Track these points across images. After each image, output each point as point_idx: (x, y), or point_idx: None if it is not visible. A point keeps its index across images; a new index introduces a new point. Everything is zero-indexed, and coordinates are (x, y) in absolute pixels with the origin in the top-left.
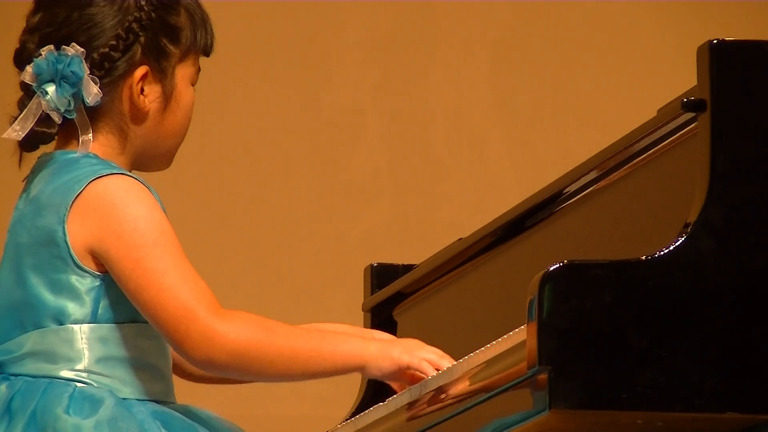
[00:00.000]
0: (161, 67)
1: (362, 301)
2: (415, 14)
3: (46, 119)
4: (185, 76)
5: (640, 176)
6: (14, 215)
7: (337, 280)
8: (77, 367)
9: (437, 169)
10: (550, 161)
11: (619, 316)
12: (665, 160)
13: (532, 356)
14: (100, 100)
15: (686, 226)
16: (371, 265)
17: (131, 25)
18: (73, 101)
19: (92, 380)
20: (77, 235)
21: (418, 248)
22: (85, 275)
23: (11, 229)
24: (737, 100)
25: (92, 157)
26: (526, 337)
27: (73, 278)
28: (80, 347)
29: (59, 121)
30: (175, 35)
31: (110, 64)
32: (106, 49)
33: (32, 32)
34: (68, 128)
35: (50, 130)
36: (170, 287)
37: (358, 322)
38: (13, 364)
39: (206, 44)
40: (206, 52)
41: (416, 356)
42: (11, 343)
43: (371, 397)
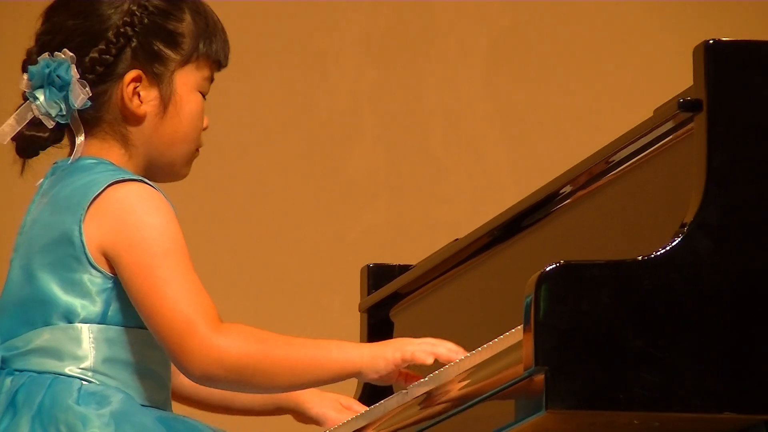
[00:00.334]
0: (155, 71)
1: (359, 301)
2: (411, 14)
3: (38, 124)
4: (187, 82)
5: (636, 176)
6: (27, 218)
7: (333, 280)
8: (83, 365)
9: (434, 169)
10: (546, 161)
11: (615, 316)
12: (662, 160)
13: (528, 357)
14: (89, 103)
15: (683, 226)
16: (368, 265)
17: (120, 29)
18: (63, 106)
19: (97, 379)
20: (93, 236)
21: (414, 249)
22: (98, 275)
23: (24, 229)
24: (733, 100)
25: (108, 164)
26: (522, 337)
27: (85, 278)
28: (87, 346)
29: (51, 125)
30: (173, 41)
31: (101, 67)
32: (96, 53)
33: (35, 42)
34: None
35: (42, 134)
36: (173, 298)
37: (354, 322)
38: (17, 359)
39: (212, 52)
40: (216, 60)
41: (408, 350)
42: (17, 339)
43: (368, 398)
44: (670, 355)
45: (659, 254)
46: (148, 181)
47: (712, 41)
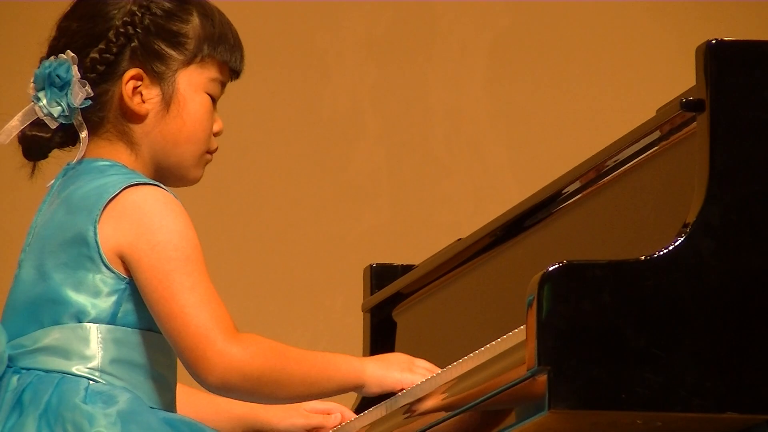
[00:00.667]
0: (156, 69)
1: (362, 301)
2: (413, 15)
3: (40, 124)
4: (191, 82)
5: (638, 176)
6: (37, 219)
7: (336, 280)
8: (90, 365)
9: (436, 169)
10: (548, 161)
11: (618, 316)
12: (664, 160)
13: (531, 357)
14: (89, 101)
15: (685, 226)
16: (370, 265)
17: (121, 29)
18: (65, 106)
19: (104, 380)
20: (109, 237)
21: (417, 249)
22: (110, 276)
23: (36, 230)
24: (736, 100)
25: (121, 166)
26: (525, 337)
27: (98, 278)
28: (95, 346)
29: (53, 126)
30: (175, 41)
31: (102, 66)
32: (96, 53)
33: (47, 48)
34: (96, 138)
35: (44, 134)
36: (193, 305)
37: (357, 322)
38: (24, 357)
39: (216, 53)
40: (223, 61)
41: (418, 371)
42: (25, 337)
43: (369, 399)
44: (672, 354)
45: (662, 254)
46: (162, 186)
47: (714, 41)
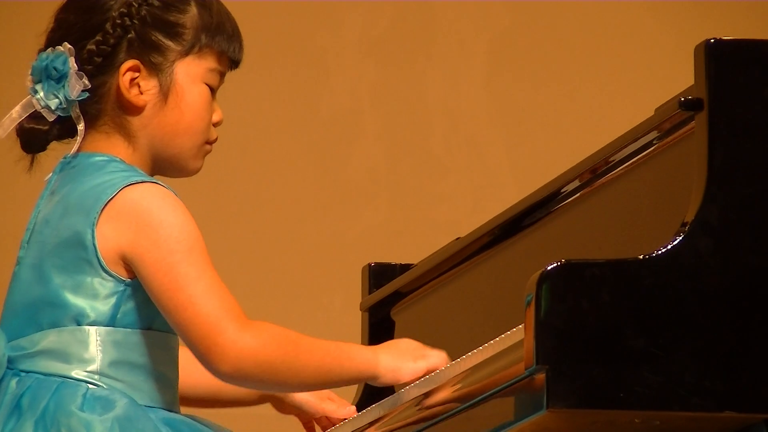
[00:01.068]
0: (153, 60)
1: (360, 300)
2: (412, 13)
3: (38, 117)
4: (189, 72)
5: (637, 175)
6: (37, 214)
7: (334, 279)
8: (90, 368)
9: (435, 168)
10: (547, 160)
11: (616, 315)
12: (662, 159)
13: (529, 356)
14: (87, 94)
15: (684, 225)
16: (369, 264)
17: (118, 20)
18: (63, 98)
19: (104, 383)
20: (108, 239)
21: (415, 248)
22: (109, 279)
23: (35, 228)
24: (734, 99)
25: (120, 162)
26: (523, 336)
27: (96, 281)
28: (95, 349)
29: (51, 118)
30: (173, 31)
31: (99, 58)
32: (93, 45)
33: (45, 41)
34: (93, 132)
35: (42, 127)
36: (200, 296)
37: (355, 321)
38: (24, 360)
39: (214, 44)
40: (221, 51)
41: (431, 357)
42: (24, 339)
43: (367, 397)
44: (670, 354)
45: (660, 253)
46: (160, 182)
47: (713, 40)
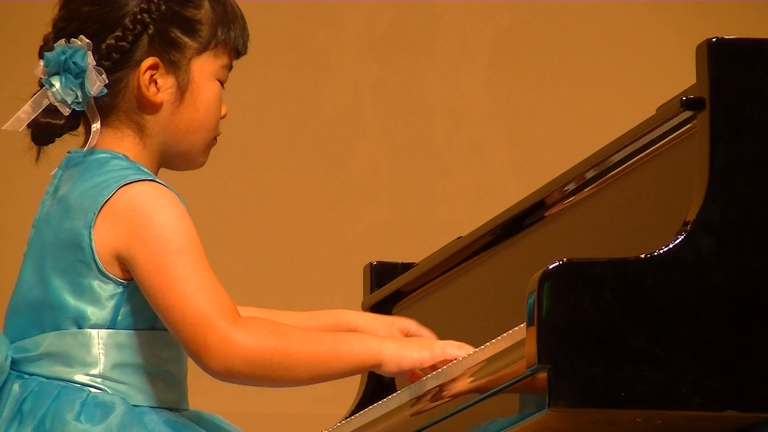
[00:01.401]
0: (172, 58)
1: (362, 299)
2: (414, 12)
3: (53, 111)
4: (205, 69)
5: (639, 174)
6: (40, 210)
7: (336, 278)
8: (92, 372)
9: (436, 167)
10: (549, 159)
11: (618, 314)
12: (664, 158)
13: (531, 355)
14: (105, 90)
15: (685, 224)
16: (371, 263)
17: (137, 16)
18: (80, 93)
19: (106, 386)
20: (104, 239)
21: (417, 246)
22: (107, 281)
23: (37, 225)
24: (736, 98)
25: (122, 158)
26: (525, 335)
27: (95, 283)
28: (96, 352)
29: (66, 113)
30: (190, 28)
31: (118, 54)
32: (112, 40)
33: (52, 29)
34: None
35: (57, 121)
36: (190, 295)
37: None
38: (28, 362)
39: (230, 40)
40: (235, 48)
41: (436, 349)
42: (28, 341)
43: (371, 395)
44: (672, 353)
45: (662, 252)
46: (158, 179)
47: (715, 39)
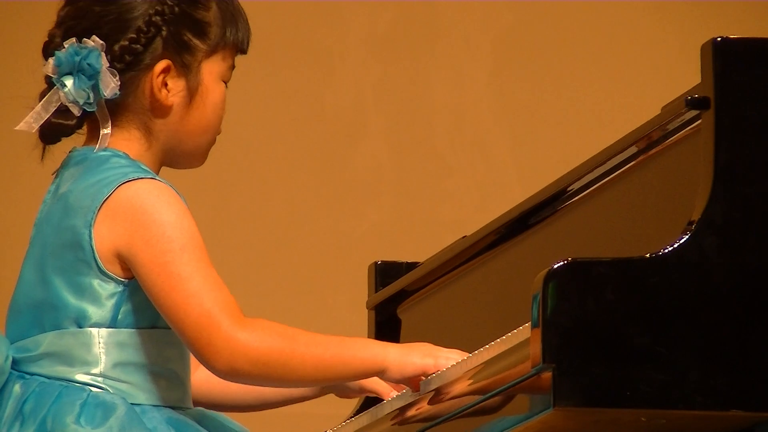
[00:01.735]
0: (184, 61)
1: (365, 298)
2: (416, 12)
3: (64, 111)
4: (213, 71)
5: (643, 174)
6: (41, 210)
7: (340, 277)
8: (93, 371)
9: (440, 166)
10: (552, 159)
11: (622, 313)
12: (669, 157)
13: (535, 354)
14: (118, 92)
15: (690, 224)
16: (375, 262)
17: (152, 18)
18: (92, 94)
19: (107, 385)
20: (104, 238)
21: (421, 246)
22: (108, 280)
23: (38, 224)
24: (741, 97)
25: (123, 157)
26: (529, 335)
27: (95, 282)
28: (97, 351)
29: (78, 113)
30: (201, 30)
31: (131, 57)
32: (126, 42)
33: (59, 26)
34: (97, 123)
35: (68, 122)
36: (194, 294)
37: (362, 319)
38: (29, 362)
39: (238, 41)
40: (240, 48)
41: (441, 357)
42: (29, 340)
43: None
44: (676, 352)
45: (666, 252)
46: (158, 177)
47: (720, 39)
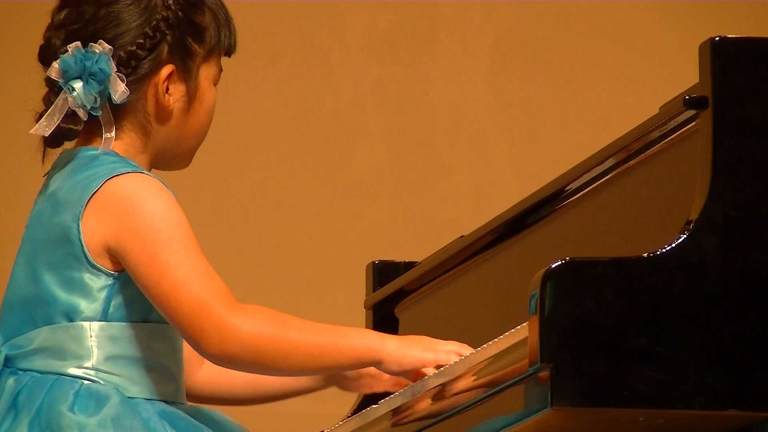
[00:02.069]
0: (186, 66)
1: (363, 298)
2: (415, 12)
3: (72, 116)
4: (209, 75)
5: (641, 173)
6: (33, 210)
7: (338, 277)
8: (85, 364)
9: (438, 166)
10: (551, 158)
11: (620, 313)
12: (667, 157)
13: (533, 353)
14: (126, 98)
15: (688, 223)
16: (373, 262)
17: (158, 23)
18: (99, 98)
19: (100, 378)
20: (93, 232)
21: (419, 245)
22: (98, 274)
23: (29, 224)
24: (739, 97)
25: (112, 154)
26: (527, 334)
27: (86, 276)
28: (89, 345)
29: (85, 118)
30: (200, 35)
31: (137, 62)
32: (133, 47)
33: (58, 29)
34: (91, 125)
35: (76, 126)
36: (184, 281)
37: (360, 319)
38: (22, 358)
39: (229, 44)
40: (228, 52)
41: (441, 351)
42: (21, 338)
43: (372, 394)
44: (674, 352)
45: (664, 251)
46: (146, 171)
47: (718, 38)
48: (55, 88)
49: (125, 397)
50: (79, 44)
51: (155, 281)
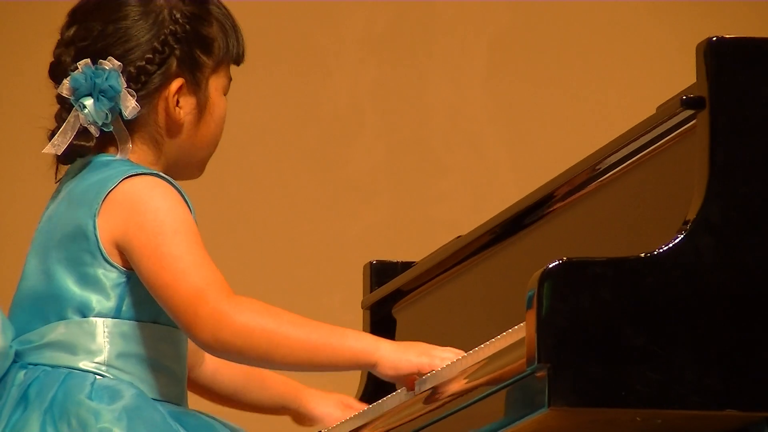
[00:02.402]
0: (196, 79)
1: (360, 298)
2: (412, 12)
3: (83, 133)
4: (218, 86)
5: (639, 174)
6: (43, 215)
7: (336, 277)
8: (97, 359)
9: (435, 166)
10: (548, 159)
11: (617, 313)
12: (664, 157)
13: (530, 353)
14: (137, 113)
15: (685, 223)
16: (370, 262)
17: (167, 38)
18: (110, 114)
19: (111, 374)
20: (104, 229)
21: (416, 246)
22: (112, 270)
23: (40, 226)
24: (736, 97)
25: (126, 161)
26: (524, 334)
27: (100, 272)
28: (102, 341)
29: (97, 134)
30: (208, 47)
31: (146, 77)
32: (142, 62)
33: (67, 46)
34: (103, 138)
35: (88, 143)
36: (183, 271)
37: (357, 319)
38: (31, 353)
39: (238, 54)
40: (237, 61)
41: (436, 356)
42: (32, 333)
43: (370, 394)
44: (672, 352)
45: (662, 252)
46: (160, 174)
47: (715, 38)
48: (66, 105)
49: (140, 391)
50: (88, 61)
51: (156, 272)
